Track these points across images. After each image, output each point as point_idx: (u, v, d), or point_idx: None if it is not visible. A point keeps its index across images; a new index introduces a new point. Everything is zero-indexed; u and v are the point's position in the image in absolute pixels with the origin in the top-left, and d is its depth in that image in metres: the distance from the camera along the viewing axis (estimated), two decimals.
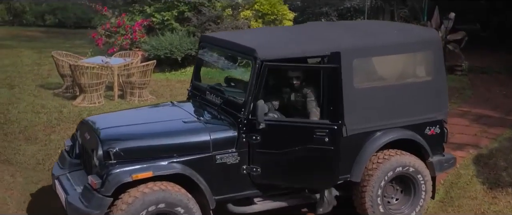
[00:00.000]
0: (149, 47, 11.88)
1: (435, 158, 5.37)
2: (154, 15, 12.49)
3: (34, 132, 7.82)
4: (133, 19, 12.68)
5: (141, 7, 12.90)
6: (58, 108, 9.11)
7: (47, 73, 11.96)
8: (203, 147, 4.65)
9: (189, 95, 5.69)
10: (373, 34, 5.23)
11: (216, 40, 5.44)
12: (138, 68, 9.86)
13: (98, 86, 9.52)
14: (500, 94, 10.65)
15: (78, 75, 9.35)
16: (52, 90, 10.39)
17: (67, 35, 18.86)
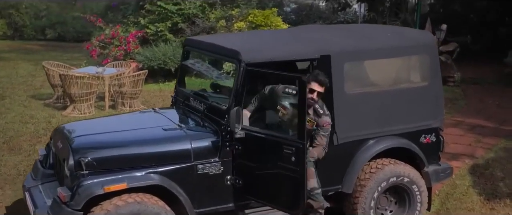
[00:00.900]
0: (142, 58, 11.44)
1: (430, 167, 4.89)
2: (148, 26, 12.07)
3: (19, 142, 7.32)
4: (128, 31, 12.25)
5: (135, 18, 12.47)
6: (47, 118, 8.62)
7: (40, 85, 11.48)
8: (184, 156, 4.16)
9: (173, 102, 5.20)
10: (366, 37, 4.76)
11: (200, 43, 4.97)
12: (130, 78, 9.39)
13: (89, 96, 9.04)
14: (493, 105, 10.20)
15: (68, 85, 8.87)
16: (43, 100, 9.90)
17: (66, 49, 18.41)
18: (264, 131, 4.18)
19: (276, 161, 4.03)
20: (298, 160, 3.88)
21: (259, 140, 4.10)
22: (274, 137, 4.07)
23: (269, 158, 4.09)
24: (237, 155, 4.21)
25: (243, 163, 4.21)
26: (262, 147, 4.12)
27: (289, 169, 3.93)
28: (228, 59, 4.44)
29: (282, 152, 3.93)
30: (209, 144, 4.22)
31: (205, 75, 5.48)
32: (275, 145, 4.01)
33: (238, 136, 4.11)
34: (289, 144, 3.92)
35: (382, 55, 4.57)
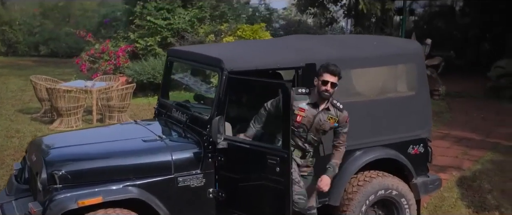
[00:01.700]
0: (132, 72, 11.16)
1: (419, 179, 4.61)
2: (138, 41, 11.80)
3: (2, 157, 6.96)
4: (117, 45, 11.97)
5: (125, 33, 12.20)
6: (33, 132, 8.27)
7: (29, 99, 11.13)
8: (164, 168, 3.85)
9: (156, 114, 4.90)
10: (352, 46, 4.51)
11: (183, 53, 4.69)
12: (118, 92, 9.09)
13: (76, 110, 8.71)
14: (477, 118, 10.01)
15: (55, 99, 8.55)
16: (31, 114, 9.55)
17: (58, 64, 18.09)
18: (247, 141, 3.89)
19: (260, 172, 3.74)
20: (282, 171, 3.58)
21: (242, 150, 3.81)
22: (258, 146, 3.78)
23: (252, 169, 3.80)
24: (219, 167, 3.91)
25: (226, 175, 3.91)
26: (245, 157, 3.82)
27: (273, 180, 3.64)
28: (211, 67, 4.15)
29: (266, 163, 3.64)
30: (191, 155, 3.92)
31: (192, 89, 5.18)
32: (258, 155, 3.72)
33: (221, 147, 3.82)
34: (273, 154, 3.62)
35: (368, 64, 4.32)
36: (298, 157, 3.99)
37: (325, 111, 3.91)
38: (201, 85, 5.56)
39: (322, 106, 3.89)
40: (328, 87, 3.80)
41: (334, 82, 3.81)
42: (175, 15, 11.63)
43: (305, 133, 3.92)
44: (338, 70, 3.80)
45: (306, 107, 3.87)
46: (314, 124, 3.89)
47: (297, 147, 3.97)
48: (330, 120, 3.91)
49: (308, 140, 3.94)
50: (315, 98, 3.88)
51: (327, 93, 3.81)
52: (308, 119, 3.88)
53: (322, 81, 3.80)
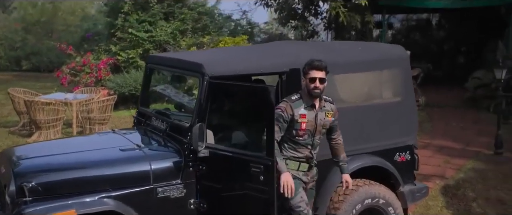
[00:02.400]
0: (113, 85, 10.84)
1: (406, 187, 4.40)
2: (120, 53, 11.49)
3: None
4: (99, 58, 11.64)
5: (107, 46, 11.89)
6: (10, 146, 7.84)
7: (8, 113, 10.70)
8: (142, 179, 3.57)
9: (135, 123, 4.62)
10: (336, 51, 4.30)
11: (163, 59, 4.44)
12: (98, 104, 8.75)
13: (56, 122, 8.36)
14: (457, 127, 9.90)
15: (34, 112, 8.19)
16: (8, 128, 9.14)
17: (39, 78, 17.62)
18: (230, 149, 3.63)
19: (243, 181, 3.48)
20: (267, 179, 3.33)
21: (225, 159, 3.55)
22: (241, 154, 3.52)
23: (235, 178, 3.54)
24: (201, 176, 3.64)
25: (208, 185, 3.64)
26: (228, 166, 3.56)
27: (257, 189, 3.38)
28: (191, 73, 3.91)
29: (250, 171, 3.39)
30: (171, 164, 3.65)
31: (174, 101, 4.92)
32: (241, 163, 3.46)
33: (202, 155, 3.55)
34: (257, 162, 3.37)
35: (353, 69, 4.11)
36: (305, 171, 3.68)
37: (322, 108, 3.66)
38: (183, 96, 5.29)
39: (317, 105, 3.63)
40: (317, 84, 3.52)
41: (322, 77, 3.53)
42: (157, 27, 11.38)
43: (311, 138, 3.64)
44: (324, 64, 3.53)
45: (306, 111, 3.59)
46: (317, 126, 3.64)
47: (304, 160, 3.66)
48: (328, 116, 3.68)
49: (314, 145, 3.67)
50: (308, 100, 3.60)
51: (318, 90, 3.54)
52: (310, 123, 3.61)
53: (309, 79, 3.53)
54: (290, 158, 3.63)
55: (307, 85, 3.57)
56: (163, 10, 11.42)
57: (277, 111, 3.47)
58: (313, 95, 3.58)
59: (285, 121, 3.53)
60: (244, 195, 3.49)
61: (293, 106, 3.56)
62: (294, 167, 3.63)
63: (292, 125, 3.56)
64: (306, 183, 3.70)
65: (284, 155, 3.60)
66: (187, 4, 12.20)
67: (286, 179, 3.40)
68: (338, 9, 10.54)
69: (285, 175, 3.41)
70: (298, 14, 12.17)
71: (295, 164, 3.64)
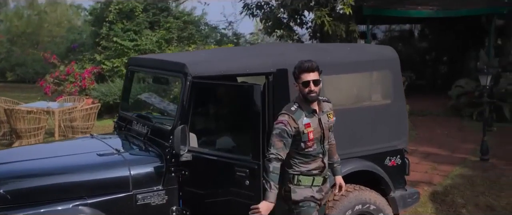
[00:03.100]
0: (98, 94, 10.51)
1: (397, 192, 4.17)
2: (104, 62, 11.16)
3: None
4: (83, 67, 11.31)
5: (91, 55, 11.56)
6: None
7: None
8: (121, 185, 3.30)
9: (115, 127, 4.33)
10: (324, 51, 4.07)
11: (144, 61, 4.19)
12: (81, 112, 8.43)
13: (37, 131, 8.00)
14: (442, 134, 9.76)
15: (15, 120, 7.83)
16: None
17: (24, 89, 17.16)
18: (214, 152, 3.36)
19: (228, 186, 3.22)
20: (253, 184, 3.07)
21: (209, 163, 3.29)
22: (225, 158, 3.26)
23: (220, 183, 3.28)
24: (184, 182, 3.37)
25: (191, 191, 3.37)
26: (212, 170, 3.30)
27: (243, 194, 3.11)
28: (174, 73, 3.65)
29: (235, 175, 3.12)
30: (151, 170, 3.38)
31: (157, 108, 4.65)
32: (226, 167, 3.20)
33: (185, 159, 3.28)
34: (242, 166, 3.11)
35: (342, 70, 3.88)
36: (319, 186, 3.28)
37: (323, 111, 3.32)
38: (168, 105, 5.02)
39: (318, 109, 3.28)
40: (311, 87, 3.15)
41: (316, 79, 3.17)
42: (142, 36, 11.10)
43: (321, 146, 3.28)
44: (315, 64, 3.18)
45: (309, 120, 3.20)
46: (324, 131, 3.28)
47: (317, 172, 3.27)
48: (330, 117, 3.35)
49: (325, 153, 3.32)
50: (307, 106, 3.22)
51: (314, 94, 3.16)
52: (317, 130, 3.24)
53: (302, 83, 3.17)
54: (303, 173, 3.22)
55: (301, 91, 3.19)
56: (149, 19, 11.16)
57: (279, 125, 3.10)
58: (310, 100, 3.20)
59: (289, 135, 3.11)
60: (229, 201, 3.23)
61: (295, 118, 3.16)
62: (307, 182, 3.23)
63: (299, 138, 3.17)
64: (320, 200, 3.32)
65: (295, 171, 3.21)
66: (173, 13, 11.96)
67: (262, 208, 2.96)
68: (323, 18, 10.38)
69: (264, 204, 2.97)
70: (284, 23, 11.98)
71: (308, 179, 3.23)
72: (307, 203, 3.21)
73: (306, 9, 11.32)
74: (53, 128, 8.49)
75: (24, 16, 22.04)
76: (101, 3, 11.61)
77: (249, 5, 12.13)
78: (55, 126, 8.35)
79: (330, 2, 10.89)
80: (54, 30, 22.15)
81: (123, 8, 11.10)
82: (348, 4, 10.36)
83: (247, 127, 3.30)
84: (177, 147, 3.20)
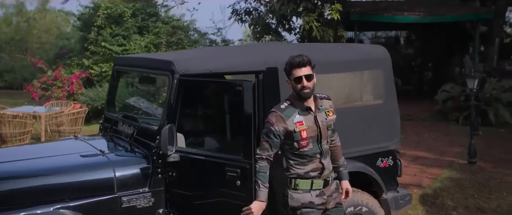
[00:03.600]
0: (86, 99, 10.26)
1: (389, 194, 4.03)
2: (92, 67, 10.92)
3: None
4: (71, 72, 11.06)
5: (79, 60, 11.32)
6: None
7: None
8: (105, 187, 3.11)
9: (100, 129, 4.14)
10: (314, 50, 3.92)
11: (130, 60, 4.03)
12: (68, 117, 8.20)
13: (23, 136, 7.76)
14: (429, 138, 9.69)
15: (0, 125, 7.58)
16: None
17: (12, 95, 16.81)
18: (203, 152, 3.19)
19: (218, 187, 3.05)
20: (244, 184, 2.90)
21: (197, 163, 3.12)
22: (215, 158, 3.09)
23: (209, 184, 3.10)
24: (171, 183, 3.19)
25: (179, 193, 3.20)
26: (201, 171, 3.13)
27: (234, 195, 2.95)
28: (160, 72, 3.48)
29: (225, 176, 2.95)
30: (137, 171, 3.20)
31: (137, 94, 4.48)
32: (216, 167, 3.03)
33: (172, 160, 3.11)
34: (233, 165, 2.94)
35: (333, 69, 3.74)
36: (320, 190, 3.04)
37: (320, 108, 3.10)
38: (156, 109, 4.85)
39: (313, 106, 3.06)
40: (304, 83, 2.95)
41: (308, 73, 2.98)
42: (131, 41, 10.88)
43: (318, 145, 3.04)
44: (306, 58, 2.98)
45: (302, 117, 3.00)
46: (321, 129, 3.05)
47: (316, 174, 3.04)
48: (329, 114, 3.13)
49: (324, 153, 3.07)
50: (301, 103, 3.03)
51: (307, 90, 2.97)
52: (311, 128, 3.02)
53: (294, 80, 2.98)
54: (300, 176, 3.01)
55: (294, 88, 3.00)
56: (137, 24, 10.96)
57: (267, 124, 2.95)
58: (303, 97, 3.00)
59: (277, 136, 2.93)
60: (219, 202, 3.06)
61: (284, 117, 2.96)
62: (306, 186, 3.01)
63: (291, 138, 2.97)
64: (323, 205, 3.07)
65: (292, 174, 3.02)
66: (162, 18, 11.78)
67: (254, 207, 2.82)
68: (312, 23, 10.29)
69: (256, 204, 2.83)
70: (272, 29, 11.88)
71: (306, 183, 3.01)
72: (305, 210, 3.00)
73: (294, 15, 11.23)
74: (39, 132, 8.23)
75: (12, 23, 21.69)
76: (90, 8, 11.40)
77: (238, 11, 12.03)
78: (41, 130, 8.10)
79: (318, 8, 10.83)
80: (43, 37, 21.84)
81: (111, 13, 10.90)
82: (336, 9, 10.30)
83: (237, 125, 3.14)
84: (164, 147, 3.03)
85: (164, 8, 12.08)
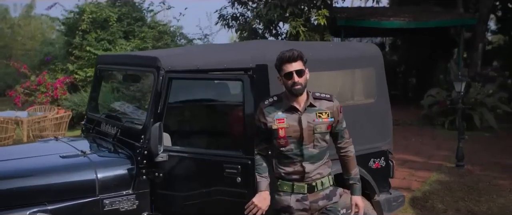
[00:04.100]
0: (70, 104, 9.97)
1: (382, 196, 3.89)
2: (77, 72, 10.65)
3: None
4: (55, 77, 10.77)
5: (63, 65, 11.04)
6: None
7: None
8: (86, 189, 2.92)
9: (83, 130, 3.94)
10: (305, 47, 3.77)
11: (114, 58, 3.86)
12: (52, 121, 7.94)
13: (4, 141, 7.46)
14: (417, 142, 9.62)
15: None
16: None
17: None
18: (196, 150, 3.02)
19: (213, 186, 2.87)
20: (246, 181, 2.75)
21: (189, 162, 2.94)
22: (211, 155, 2.92)
23: (203, 183, 2.92)
24: (158, 185, 3.00)
25: (166, 194, 3.01)
26: (193, 170, 2.95)
27: (234, 193, 2.78)
28: (145, 69, 3.30)
29: (223, 173, 2.78)
30: (120, 172, 3.01)
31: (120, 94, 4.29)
32: (212, 165, 2.86)
33: (160, 160, 2.93)
34: (232, 162, 2.77)
35: (324, 67, 3.59)
36: (303, 194, 2.82)
37: (310, 108, 2.85)
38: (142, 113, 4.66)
39: (302, 105, 2.84)
40: (295, 79, 2.76)
41: (300, 69, 2.79)
42: (117, 45, 10.64)
43: (299, 148, 2.82)
44: (296, 53, 2.79)
45: (284, 115, 2.81)
46: (305, 131, 2.81)
47: (298, 177, 2.82)
48: (322, 117, 2.85)
49: (306, 157, 2.83)
50: (289, 101, 2.84)
51: (299, 86, 2.77)
52: (293, 128, 2.80)
53: (284, 75, 2.79)
54: (282, 178, 2.84)
55: (285, 84, 2.81)
56: (123, 29, 10.73)
57: (255, 118, 2.85)
58: (295, 93, 2.81)
59: (260, 130, 2.82)
60: (214, 201, 2.88)
61: (266, 112, 2.81)
62: (287, 189, 2.82)
63: (272, 134, 2.81)
64: (305, 210, 2.84)
65: (276, 174, 2.86)
66: (148, 23, 11.57)
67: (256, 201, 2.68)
68: (299, 29, 10.19)
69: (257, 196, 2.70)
70: (259, 34, 11.76)
71: (288, 185, 2.82)
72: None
73: (281, 20, 11.13)
74: (22, 138, 7.95)
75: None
76: (74, 12, 11.14)
77: (225, 16, 11.90)
78: (24, 135, 7.83)
79: (305, 13, 10.74)
80: (27, 44, 21.37)
81: (96, 17, 10.66)
82: (322, 15, 10.23)
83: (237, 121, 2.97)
84: (154, 146, 2.84)
85: (150, 13, 11.88)
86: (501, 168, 7.49)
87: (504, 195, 6.03)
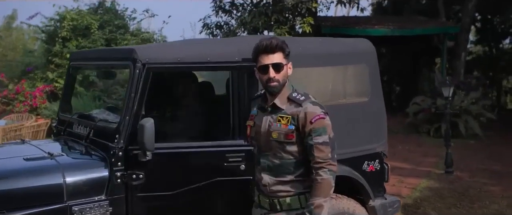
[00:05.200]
0: (50, 113, 9.50)
1: (377, 201, 3.58)
2: (57, 80, 10.20)
3: None
4: (35, 86, 10.31)
5: (43, 73, 10.59)
6: None
7: None
8: (52, 195, 2.57)
9: (53, 133, 3.58)
10: (293, 42, 3.48)
11: (88, 53, 3.52)
12: (29, 129, 7.52)
13: None
14: (403, 150, 9.43)
15: None
16: None
17: None
18: (188, 144, 2.72)
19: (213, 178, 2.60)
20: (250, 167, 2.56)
21: (181, 157, 2.64)
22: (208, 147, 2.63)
23: (199, 178, 2.62)
24: (136, 188, 2.66)
25: (149, 196, 2.67)
26: (187, 166, 2.66)
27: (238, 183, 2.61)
28: (121, 63, 2.98)
29: (224, 163, 2.60)
30: (92, 176, 2.66)
31: None
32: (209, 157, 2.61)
33: (144, 160, 2.60)
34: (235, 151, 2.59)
35: (313, 62, 3.28)
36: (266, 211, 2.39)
37: (275, 110, 2.38)
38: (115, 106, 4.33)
39: (272, 104, 2.40)
40: (270, 74, 2.30)
41: (278, 62, 2.32)
42: None
43: (259, 154, 2.41)
44: (276, 42, 2.33)
45: (255, 112, 2.46)
46: (262, 135, 2.37)
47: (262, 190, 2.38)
48: (281, 122, 2.33)
49: (264, 167, 2.38)
50: (265, 98, 2.44)
51: (275, 83, 2.31)
52: (256, 129, 2.40)
53: (259, 68, 2.35)
54: (253, 184, 2.51)
55: (260, 79, 2.38)
56: (105, 36, 10.35)
57: None
58: (269, 91, 2.37)
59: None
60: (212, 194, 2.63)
61: (252, 105, 2.54)
62: (256, 200, 2.46)
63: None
64: None
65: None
66: (131, 31, 11.21)
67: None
68: (283, 36, 9.97)
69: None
70: None
71: (256, 195, 2.45)
72: None
73: (266, 28, 10.90)
74: None
75: None
76: (55, 20, 10.73)
77: (209, 25, 11.63)
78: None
79: (289, 21, 10.54)
80: (9, 55, 20.77)
81: (77, 25, 10.27)
82: (307, 23, 10.04)
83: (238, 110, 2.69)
84: (149, 144, 2.49)
85: (134, 21, 11.52)
86: (490, 174, 7.33)
87: (497, 201, 5.82)
